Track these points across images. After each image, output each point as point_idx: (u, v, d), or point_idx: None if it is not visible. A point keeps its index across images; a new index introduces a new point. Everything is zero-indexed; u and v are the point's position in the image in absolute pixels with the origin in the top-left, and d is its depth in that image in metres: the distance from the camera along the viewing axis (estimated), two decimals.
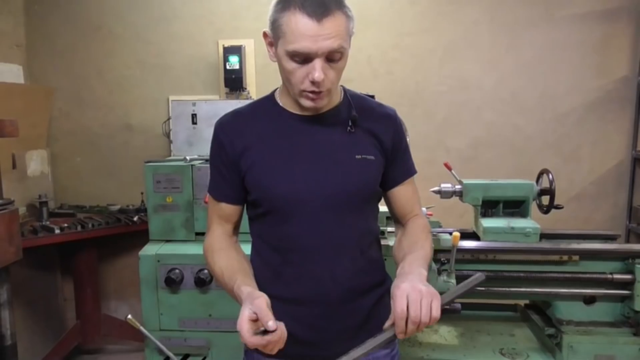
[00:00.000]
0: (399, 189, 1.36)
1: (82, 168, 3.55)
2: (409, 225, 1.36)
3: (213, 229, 1.34)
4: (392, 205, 1.38)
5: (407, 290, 1.06)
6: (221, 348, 2.31)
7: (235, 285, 1.16)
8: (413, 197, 1.39)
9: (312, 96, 1.17)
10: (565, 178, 3.32)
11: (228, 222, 1.33)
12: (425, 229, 1.35)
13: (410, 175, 1.38)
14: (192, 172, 2.37)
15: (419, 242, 1.29)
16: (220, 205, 1.32)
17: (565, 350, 2.26)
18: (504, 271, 2.31)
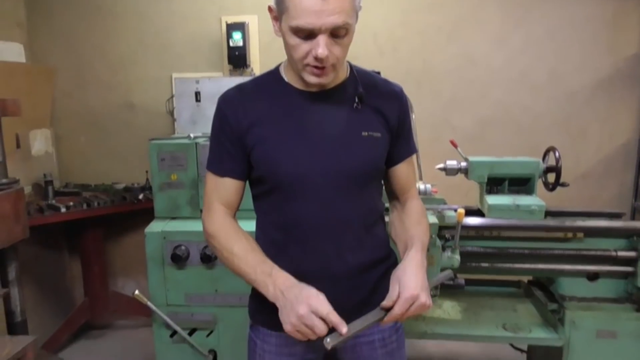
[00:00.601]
0: (400, 167, 1.37)
1: (86, 147, 3.57)
2: (408, 206, 1.38)
3: (215, 210, 1.31)
4: (390, 183, 1.40)
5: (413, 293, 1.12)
6: (227, 322, 2.36)
7: (274, 270, 1.18)
8: (412, 176, 1.41)
9: (316, 71, 1.17)
10: (572, 156, 3.32)
11: (229, 201, 1.31)
12: (424, 212, 1.39)
13: (411, 154, 1.39)
14: (197, 149, 2.38)
15: (421, 223, 1.33)
16: (223, 182, 1.30)
17: (567, 325, 2.29)
18: (508, 248, 2.34)
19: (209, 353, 2.39)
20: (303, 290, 1.12)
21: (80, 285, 3.47)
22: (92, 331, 3.51)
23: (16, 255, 2.68)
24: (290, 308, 1.09)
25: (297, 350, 1.32)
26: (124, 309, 3.39)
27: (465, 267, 2.31)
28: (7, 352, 2.27)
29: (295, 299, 1.10)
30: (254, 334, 1.38)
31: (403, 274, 1.14)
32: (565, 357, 2.32)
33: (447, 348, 3.20)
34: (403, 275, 1.13)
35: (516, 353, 2.91)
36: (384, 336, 1.35)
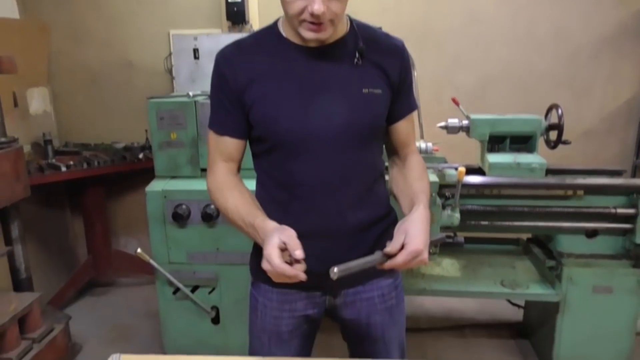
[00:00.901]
0: (400, 124, 1.36)
1: (85, 106, 3.54)
2: (409, 161, 1.37)
3: (217, 167, 1.31)
4: (390, 139, 1.39)
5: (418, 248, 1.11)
6: (229, 280, 2.40)
7: (259, 219, 1.17)
8: (412, 132, 1.40)
9: (312, 27, 1.14)
10: (575, 114, 3.29)
11: (231, 158, 1.31)
12: (425, 167, 1.38)
13: (412, 110, 1.37)
14: (196, 108, 2.36)
15: (423, 179, 1.33)
16: (223, 140, 1.29)
17: (564, 281, 2.33)
18: (508, 206, 2.36)
19: (211, 310, 2.44)
20: (270, 234, 1.11)
21: (83, 244, 3.51)
22: (96, 288, 3.58)
23: (18, 213, 2.70)
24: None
25: (298, 306, 1.34)
26: (127, 267, 3.44)
27: (465, 225, 2.33)
28: (14, 308, 2.32)
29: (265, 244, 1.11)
30: (255, 291, 1.40)
31: (410, 226, 1.13)
32: (561, 312, 2.38)
33: (445, 305, 3.26)
34: (410, 228, 1.13)
35: (513, 309, 2.97)
36: (384, 292, 1.38)
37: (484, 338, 2.93)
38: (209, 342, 2.48)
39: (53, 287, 3.28)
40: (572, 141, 2.40)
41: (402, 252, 1.10)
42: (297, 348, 1.39)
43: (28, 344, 2.34)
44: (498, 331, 2.99)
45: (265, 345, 1.38)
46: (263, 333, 1.38)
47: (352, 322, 1.39)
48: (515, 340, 2.88)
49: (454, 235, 2.40)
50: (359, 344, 1.43)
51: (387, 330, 1.39)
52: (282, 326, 1.36)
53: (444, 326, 3.05)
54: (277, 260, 1.06)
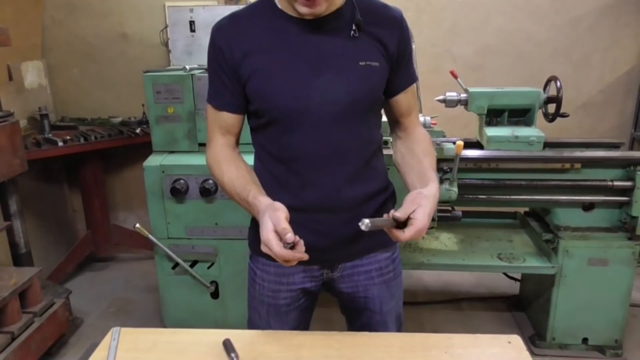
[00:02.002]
0: (401, 97, 1.34)
1: (80, 80, 3.51)
2: (415, 134, 1.36)
3: (215, 141, 1.31)
4: (392, 112, 1.38)
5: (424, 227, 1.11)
6: (228, 254, 2.42)
7: (251, 195, 1.18)
8: (413, 104, 1.38)
9: (307, 2, 1.13)
10: (574, 86, 3.28)
11: (230, 133, 1.31)
12: (430, 140, 1.36)
13: (412, 82, 1.35)
14: (193, 81, 2.34)
15: (431, 154, 1.32)
16: (221, 114, 1.29)
17: (560, 254, 2.35)
18: (506, 180, 2.36)
19: (211, 284, 2.46)
20: (261, 222, 1.11)
21: (82, 219, 3.52)
22: (96, 263, 3.60)
23: (16, 188, 2.70)
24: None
25: (296, 280, 1.36)
26: (126, 242, 3.46)
27: (463, 199, 2.34)
28: (14, 282, 2.34)
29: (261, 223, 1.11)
30: (254, 265, 1.41)
31: (423, 202, 1.11)
32: (557, 284, 2.41)
33: (443, 278, 3.30)
34: (423, 203, 1.11)
35: (510, 282, 3.01)
36: (381, 266, 1.39)
37: (480, 311, 2.98)
38: (209, 315, 2.51)
39: (52, 262, 3.30)
40: (570, 114, 2.39)
41: (409, 228, 1.09)
42: (295, 321, 1.41)
43: (29, 318, 2.37)
44: (494, 304, 3.03)
45: (264, 318, 1.40)
46: (261, 306, 1.40)
47: (349, 295, 1.40)
48: (512, 312, 2.92)
49: (452, 209, 2.41)
50: (356, 317, 1.45)
51: (385, 303, 1.41)
52: (280, 299, 1.38)
53: (442, 299, 3.09)
54: (276, 247, 1.05)
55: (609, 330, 2.46)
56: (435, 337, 1.21)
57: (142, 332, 1.25)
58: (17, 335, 2.28)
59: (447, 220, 2.38)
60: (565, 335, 2.50)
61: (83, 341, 2.70)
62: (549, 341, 2.51)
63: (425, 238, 2.66)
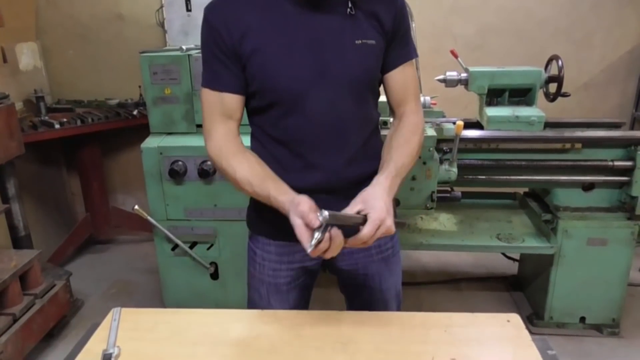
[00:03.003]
0: (395, 73, 1.30)
1: (76, 62, 3.48)
2: (403, 122, 1.32)
3: (215, 131, 1.25)
4: (388, 92, 1.34)
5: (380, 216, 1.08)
6: (227, 236, 2.43)
7: (272, 197, 1.15)
8: (410, 85, 1.33)
9: None
10: (575, 66, 3.25)
11: (231, 118, 1.27)
12: (418, 128, 1.31)
13: (408, 59, 1.31)
14: (190, 62, 2.33)
15: (408, 143, 1.27)
16: (222, 97, 1.25)
17: (559, 234, 2.36)
18: (506, 160, 2.36)
19: (210, 265, 2.48)
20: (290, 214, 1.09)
21: (81, 202, 3.53)
22: (95, 246, 3.62)
23: (14, 171, 2.70)
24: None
25: (297, 258, 1.36)
26: (125, 224, 3.47)
27: (462, 180, 2.34)
28: (14, 265, 2.36)
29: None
30: (254, 244, 1.42)
31: (368, 198, 1.10)
32: (555, 264, 2.42)
33: (442, 259, 3.32)
34: (368, 199, 1.10)
35: (509, 262, 3.03)
36: (380, 244, 1.39)
37: (479, 291, 3.00)
38: (209, 296, 2.53)
39: (52, 245, 3.31)
40: (571, 94, 2.38)
41: (366, 226, 1.07)
42: (295, 299, 1.42)
43: (30, 300, 2.39)
44: (493, 284, 3.05)
45: (264, 297, 1.41)
46: (261, 285, 1.41)
47: (349, 273, 1.41)
48: (510, 292, 2.95)
49: (451, 190, 2.42)
50: (356, 295, 1.46)
51: (384, 280, 1.42)
52: (280, 278, 1.39)
53: (441, 280, 3.11)
54: (308, 243, 1.03)
55: (607, 309, 2.49)
56: (434, 316, 1.22)
57: (143, 313, 1.26)
58: (19, 317, 2.30)
59: (447, 200, 2.39)
60: (563, 314, 2.52)
61: (84, 322, 2.72)
62: (547, 320, 2.54)
63: (423, 219, 2.67)
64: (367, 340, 1.13)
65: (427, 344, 1.12)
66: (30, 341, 2.35)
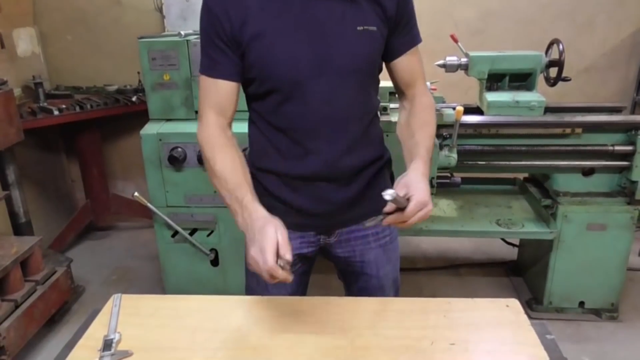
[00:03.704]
0: (403, 60, 1.31)
1: (74, 47, 3.46)
2: (416, 104, 1.32)
3: (207, 118, 1.25)
4: (395, 77, 1.35)
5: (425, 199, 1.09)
6: (227, 223, 2.43)
7: (247, 199, 1.14)
8: (417, 69, 1.34)
9: None
10: (576, 50, 3.23)
11: (223, 110, 1.25)
12: (431, 110, 1.33)
13: (414, 45, 1.31)
14: (188, 47, 2.31)
15: (428, 125, 1.29)
16: (218, 85, 1.24)
17: (559, 219, 2.37)
18: (506, 145, 2.36)
19: (210, 252, 2.48)
20: (262, 229, 1.07)
21: (81, 188, 3.53)
22: (95, 233, 3.63)
23: (14, 158, 2.70)
24: (248, 245, 1.08)
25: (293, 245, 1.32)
26: (125, 211, 3.47)
27: (462, 165, 2.35)
28: (15, 251, 2.36)
29: (252, 237, 1.07)
30: None
31: (410, 182, 1.11)
32: (555, 249, 2.43)
33: (441, 245, 3.33)
34: (410, 183, 1.10)
35: (508, 248, 3.03)
36: (377, 230, 1.40)
37: (479, 276, 3.01)
38: (209, 283, 2.54)
39: (52, 231, 3.32)
40: (572, 78, 2.37)
41: (410, 205, 1.07)
42: (293, 285, 1.42)
43: (31, 286, 2.40)
44: (493, 269, 3.06)
45: (261, 284, 1.41)
46: None
47: (346, 260, 1.42)
48: (509, 277, 2.96)
49: (451, 175, 2.41)
50: (354, 282, 1.47)
51: (382, 267, 1.43)
52: None
53: (440, 266, 3.12)
54: (272, 260, 1.02)
55: (606, 293, 2.50)
56: (434, 302, 1.22)
57: (143, 299, 1.27)
58: (20, 303, 2.31)
59: (446, 186, 2.39)
60: (562, 299, 2.54)
61: (86, 308, 2.74)
62: (546, 305, 2.55)
63: None
64: (366, 326, 1.14)
65: (426, 329, 1.12)
66: (32, 327, 2.37)
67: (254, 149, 1.36)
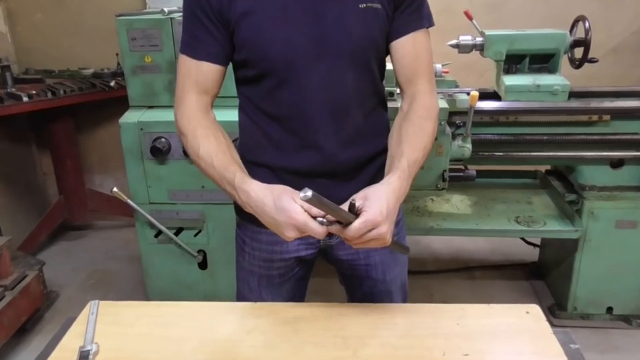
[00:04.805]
0: (404, 42, 1.26)
1: (45, 26, 3.45)
2: (414, 105, 1.26)
3: (188, 100, 1.24)
4: (395, 64, 1.31)
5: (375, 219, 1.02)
6: (217, 221, 2.43)
7: (238, 178, 1.14)
8: (422, 60, 1.28)
9: None
10: (604, 28, 3.22)
11: (206, 90, 1.25)
12: (431, 114, 1.26)
13: (420, 27, 1.27)
14: (172, 26, 2.30)
15: (423, 133, 1.22)
16: (200, 67, 1.23)
17: (585, 216, 2.37)
18: (526, 134, 2.36)
19: (198, 253, 2.48)
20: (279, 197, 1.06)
21: (53, 183, 3.53)
22: (70, 232, 3.63)
23: None
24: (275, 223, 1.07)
25: (290, 247, 1.37)
26: (103, 208, 3.48)
27: (477, 156, 2.34)
28: None
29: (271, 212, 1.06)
30: (242, 232, 1.42)
31: (372, 194, 1.05)
32: (580, 249, 2.43)
33: (454, 245, 3.34)
34: (371, 196, 1.05)
35: (529, 248, 3.04)
36: None
37: (495, 280, 3.02)
38: (196, 287, 2.54)
39: (23, 231, 3.32)
40: (599, 59, 2.36)
41: (356, 222, 1.02)
42: (289, 292, 1.43)
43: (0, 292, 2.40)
44: (511, 272, 3.07)
45: (255, 291, 1.41)
46: (252, 277, 1.42)
47: (349, 263, 1.42)
48: (530, 281, 2.97)
49: (464, 168, 2.41)
50: (357, 287, 1.47)
51: (389, 271, 1.43)
52: (273, 269, 1.39)
53: (453, 268, 3.13)
54: (318, 226, 1.01)
55: (636, 298, 2.51)
56: (445, 308, 1.22)
57: (123, 306, 1.27)
58: None
59: (460, 180, 2.39)
60: (588, 305, 2.54)
61: (59, 316, 2.75)
62: (570, 311, 2.56)
63: (434, 201, 2.67)
64: (372, 335, 1.14)
65: (437, 338, 1.12)
66: (0, 337, 2.37)
67: (244, 139, 1.36)
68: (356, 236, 1.02)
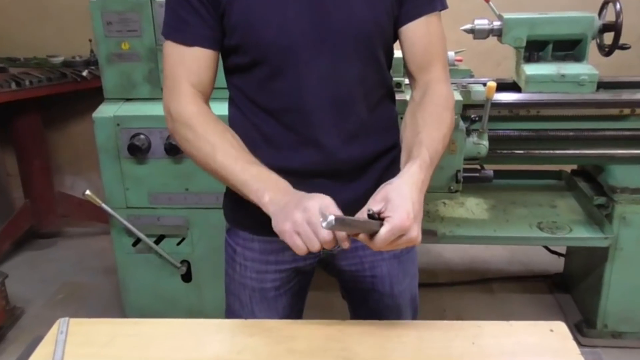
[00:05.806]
0: (416, 27, 1.27)
1: (9, 9, 3.46)
2: (429, 94, 1.27)
3: (183, 90, 1.24)
4: (405, 52, 1.31)
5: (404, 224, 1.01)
6: (202, 227, 2.43)
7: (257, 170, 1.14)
8: (435, 46, 1.30)
9: None
10: (637, 10, 3.23)
11: (202, 80, 1.25)
12: (448, 103, 1.27)
13: (432, 10, 1.27)
14: (153, 9, 2.30)
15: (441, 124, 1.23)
16: (191, 52, 1.23)
17: (616, 222, 2.37)
18: (549, 130, 2.36)
19: (181, 264, 2.48)
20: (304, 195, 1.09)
21: (18, 185, 3.53)
22: (37, 241, 3.63)
23: None
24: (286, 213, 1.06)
25: (286, 257, 1.36)
26: (74, 213, 3.48)
27: (495, 155, 2.35)
28: None
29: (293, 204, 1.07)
30: (232, 240, 1.42)
31: (391, 195, 1.04)
32: (610, 259, 2.44)
33: (469, 254, 3.34)
34: (391, 197, 1.04)
35: (552, 257, 3.04)
36: None
37: (515, 293, 3.03)
38: (180, 302, 2.54)
39: None
40: (631, 45, 2.37)
41: (382, 231, 1.01)
42: (285, 308, 1.43)
43: None
44: (533, 284, 3.08)
45: (247, 306, 1.41)
46: (243, 290, 1.41)
47: (353, 275, 1.42)
48: (554, 294, 2.97)
49: (480, 168, 2.42)
50: (362, 301, 1.47)
51: (396, 283, 1.43)
52: (267, 282, 1.39)
53: (468, 280, 3.13)
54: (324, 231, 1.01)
55: None
56: (460, 325, 1.22)
57: (97, 323, 1.27)
58: None
59: (475, 181, 2.39)
60: (619, 322, 2.55)
61: (25, 335, 2.73)
62: (600, 329, 2.56)
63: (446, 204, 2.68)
64: (377, 356, 1.13)
65: (451, 358, 1.12)
66: None
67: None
68: (383, 244, 1.03)
